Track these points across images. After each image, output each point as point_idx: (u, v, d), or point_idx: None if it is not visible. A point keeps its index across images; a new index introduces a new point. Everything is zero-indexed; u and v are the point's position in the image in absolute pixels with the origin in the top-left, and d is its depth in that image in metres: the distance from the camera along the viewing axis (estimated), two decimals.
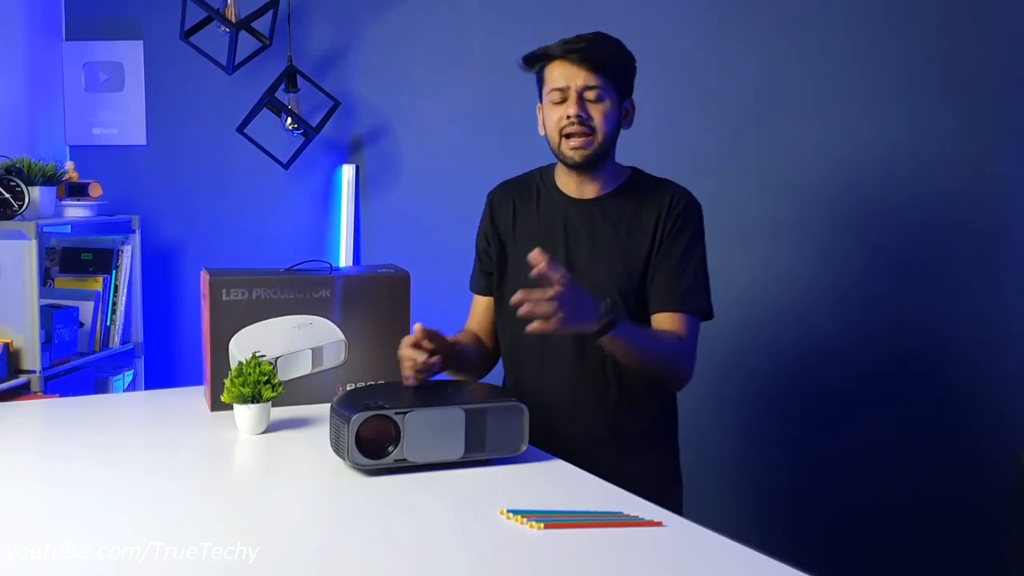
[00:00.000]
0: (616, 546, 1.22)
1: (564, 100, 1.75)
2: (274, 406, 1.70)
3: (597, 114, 1.75)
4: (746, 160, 2.75)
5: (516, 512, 1.29)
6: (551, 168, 1.90)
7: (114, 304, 2.78)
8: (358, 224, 2.94)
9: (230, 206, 3.00)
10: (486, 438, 1.50)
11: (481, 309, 1.95)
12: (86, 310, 2.69)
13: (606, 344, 1.64)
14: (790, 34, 2.72)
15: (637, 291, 1.79)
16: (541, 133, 1.83)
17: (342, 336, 1.87)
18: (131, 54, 2.99)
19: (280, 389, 1.68)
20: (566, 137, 1.76)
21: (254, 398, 1.65)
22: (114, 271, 2.78)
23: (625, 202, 1.82)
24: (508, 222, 1.89)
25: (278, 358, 1.81)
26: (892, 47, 2.67)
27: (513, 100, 2.76)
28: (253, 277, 1.83)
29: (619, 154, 1.85)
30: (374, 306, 1.89)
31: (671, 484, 1.87)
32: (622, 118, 1.80)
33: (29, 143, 2.87)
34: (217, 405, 1.77)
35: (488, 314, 1.95)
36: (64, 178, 2.70)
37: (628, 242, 1.79)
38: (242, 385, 1.64)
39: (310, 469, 1.53)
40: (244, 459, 1.62)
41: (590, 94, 1.74)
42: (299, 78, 2.86)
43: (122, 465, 1.54)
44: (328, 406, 1.53)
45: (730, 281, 2.59)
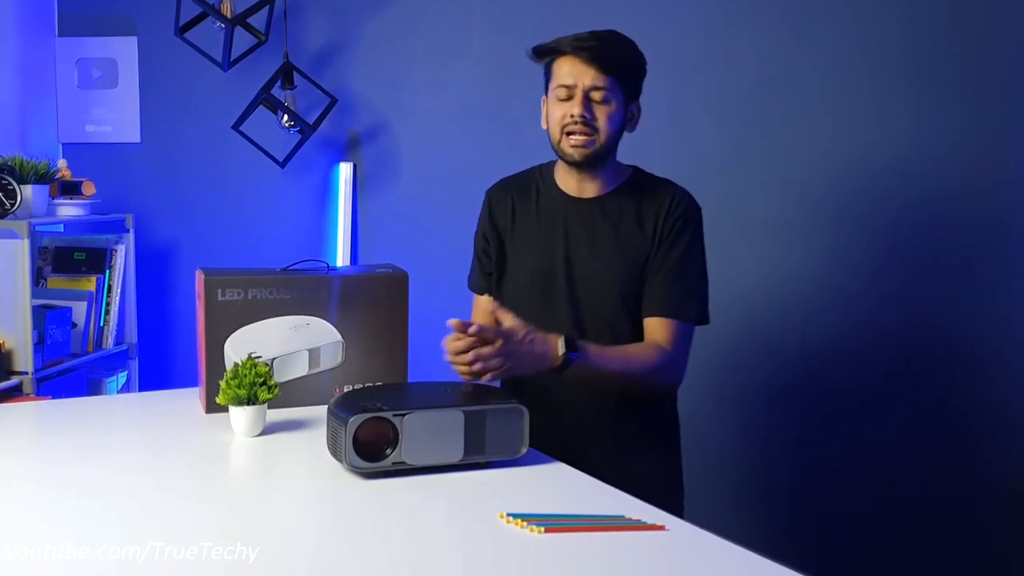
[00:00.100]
0: (618, 550, 1.22)
1: (570, 98, 1.73)
2: (270, 408, 1.69)
3: (601, 115, 1.73)
4: (751, 159, 2.73)
5: (516, 516, 1.28)
6: (551, 166, 1.88)
7: (108, 304, 2.76)
8: (355, 223, 2.92)
9: (225, 205, 2.98)
10: (485, 440, 1.48)
11: (483, 309, 1.94)
12: (79, 310, 2.67)
13: (573, 375, 1.65)
14: (796, 31, 2.70)
15: (638, 291, 1.78)
16: (543, 126, 1.81)
17: (339, 337, 1.85)
18: (125, 50, 2.97)
19: (276, 391, 1.66)
20: (567, 134, 1.75)
21: (250, 400, 1.64)
22: (108, 271, 2.76)
23: (626, 201, 1.80)
24: (507, 220, 1.87)
25: (274, 359, 1.80)
26: (899, 44, 2.65)
27: (513, 97, 2.74)
28: (249, 277, 1.81)
29: (623, 153, 1.83)
30: (372, 306, 1.87)
31: (672, 486, 1.86)
32: (626, 121, 1.78)
33: (21, 141, 2.85)
34: (212, 407, 1.75)
35: (490, 314, 1.92)
36: (57, 176, 2.68)
37: (628, 242, 1.78)
38: (238, 387, 1.62)
39: (307, 472, 1.52)
40: (240, 462, 1.60)
41: (596, 94, 1.72)
42: (295, 75, 2.84)
43: (117, 467, 1.52)
44: (325, 408, 1.51)
45: (730, 281, 2.58)
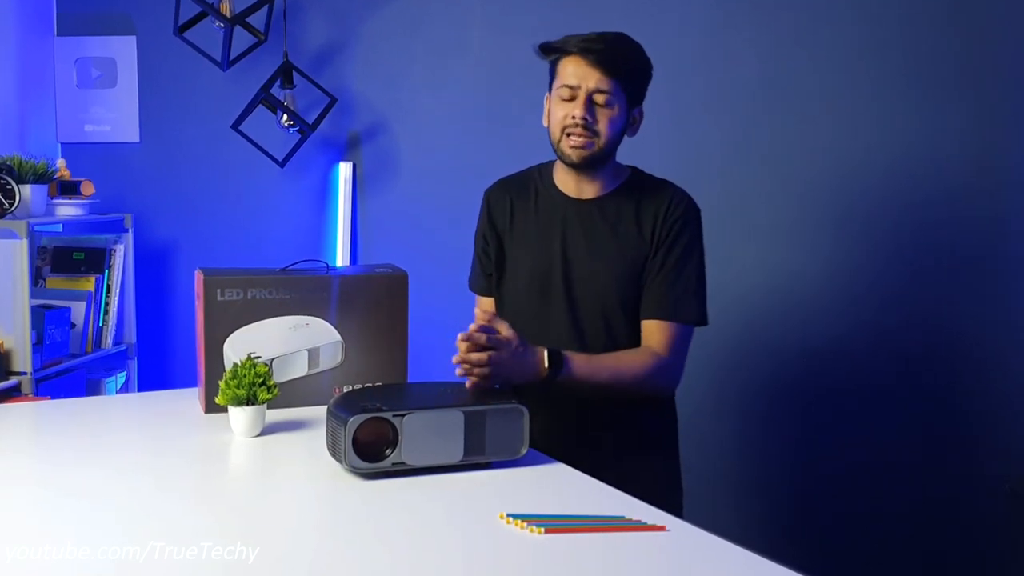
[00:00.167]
0: (618, 551, 1.21)
1: (573, 98, 1.73)
2: (270, 408, 1.68)
3: (603, 119, 1.72)
4: (751, 159, 2.73)
5: (516, 516, 1.27)
6: (549, 166, 1.88)
7: (106, 304, 2.75)
8: (355, 223, 2.91)
9: (225, 204, 2.97)
10: (485, 441, 1.48)
11: (485, 311, 1.93)
12: (78, 310, 2.66)
13: (563, 386, 1.66)
14: (796, 31, 2.69)
15: (636, 292, 1.77)
16: (544, 124, 1.81)
17: (339, 337, 1.85)
18: (124, 50, 2.96)
19: (276, 391, 1.66)
20: (567, 135, 1.74)
21: (249, 400, 1.63)
22: (106, 271, 2.75)
23: (625, 202, 1.80)
24: (506, 220, 1.87)
25: (274, 359, 1.79)
26: (899, 44, 2.64)
27: (513, 97, 2.73)
28: (248, 277, 1.81)
29: (623, 154, 1.82)
30: (371, 306, 1.87)
31: (672, 487, 1.86)
32: (628, 125, 1.78)
33: (20, 140, 2.84)
34: (211, 407, 1.74)
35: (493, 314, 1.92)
36: (55, 176, 2.68)
37: (627, 243, 1.78)
38: (237, 387, 1.62)
39: (306, 472, 1.52)
40: (239, 462, 1.60)
41: (599, 97, 1.72)
42: (295, 74, 2.84)
43: (116, 468, 1.52)
44: (325, 408, 1.51)
45: (730, 281, 2.57)
